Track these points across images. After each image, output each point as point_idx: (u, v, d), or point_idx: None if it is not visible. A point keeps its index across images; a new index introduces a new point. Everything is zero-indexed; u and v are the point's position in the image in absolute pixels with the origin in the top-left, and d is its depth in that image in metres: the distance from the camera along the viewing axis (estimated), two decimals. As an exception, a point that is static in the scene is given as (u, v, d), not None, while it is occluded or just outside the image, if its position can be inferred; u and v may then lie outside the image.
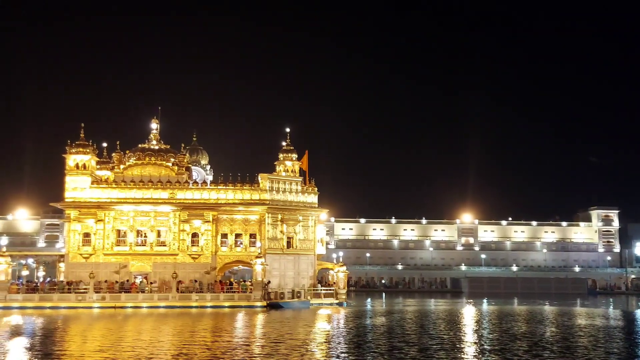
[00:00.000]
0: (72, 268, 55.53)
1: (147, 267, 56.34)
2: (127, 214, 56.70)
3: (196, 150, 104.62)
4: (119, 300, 51.90)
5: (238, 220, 58.23)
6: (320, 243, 62.25)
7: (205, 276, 55.94)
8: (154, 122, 62.17)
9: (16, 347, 28.10)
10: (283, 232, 58.48)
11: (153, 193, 57.05)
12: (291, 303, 55.02)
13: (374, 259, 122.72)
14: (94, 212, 56.15)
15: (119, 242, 56.56)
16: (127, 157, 59.82)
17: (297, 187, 59.93)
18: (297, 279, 58.37)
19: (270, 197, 58.15)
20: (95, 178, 57.64)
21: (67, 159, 56.67)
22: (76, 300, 51.59)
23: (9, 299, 51.07)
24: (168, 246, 56.84)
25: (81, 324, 40.42)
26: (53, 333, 34.49)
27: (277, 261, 57.78)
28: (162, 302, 52.11)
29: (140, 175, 57.96)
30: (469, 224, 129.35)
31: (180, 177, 58.63)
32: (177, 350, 26.72)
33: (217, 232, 57.56)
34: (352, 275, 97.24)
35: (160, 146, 60.63)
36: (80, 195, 56.30)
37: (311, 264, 59.89)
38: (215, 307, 51.98)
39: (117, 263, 55.93)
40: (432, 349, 27.69)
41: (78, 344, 30.06)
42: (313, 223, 60.62)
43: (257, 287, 53.66)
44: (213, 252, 57.20)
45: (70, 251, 56.19)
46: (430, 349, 27.50)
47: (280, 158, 61.64)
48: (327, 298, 58.12)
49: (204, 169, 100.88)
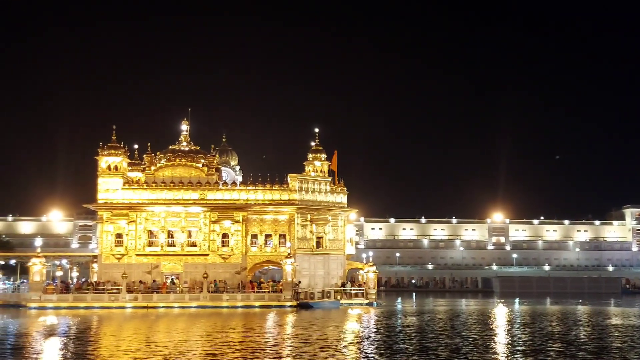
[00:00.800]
0: (105, 269, 56.29)
1: (179, 267, 56.88)
2: (158, 215, 57.30)
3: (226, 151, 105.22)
4: (151, 301, 52.45)
5: (268, 220, 58.49)
6: (350, 243, 62.24)
7: (235, 276, 56.30)
8: (184, 124, 62.75)
9: (50, 347, 28.53)
10: (312, 232, 58.55)
11: (183, 194, 57.57)
12: (321, 303, 55.06)
13: (404, 258, 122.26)
14: (125, 213, 56.85)
15: (151, 243, 57.18)
16: (158, 158, 60.42)
17: (326, 187, 59.97)
18: (327, 279, 58.42)
19: (299, 198, 58.28)
20: (127, 179, 58.32)
21: (100, 161, 57.45)
22: (109, 301, 52.29)
23: (44, 299, 51.97)
24: (199, 247, 57.31)
25: (114, 324, 40.92)
26: (86, 333, 34.98)
27: (307, 261, 57.88)
28: (193, 302, 52.54)
29: (171, 176, 58.51)
30: (500, 223, 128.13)
31: (210, 178, 59.05)
32: (207, 350, 26.91)
33: (247, 232, 57.88)
34: (382, 275, 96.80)
35: (190, 147, 61.17)
36: (113, 197, 57.03)
37: (341, 264, 59.88)
38: (245, 307, 52.26)
39: (149, 263, 56.57)
40: (463, 349, 27.48)
41: (110, 344, 30.44)
42: (342, 223, 60.62)
43: (287, 287, 53.82)
44: (243, 252, 57.51)
45: (103, 252, 56.96)
46: (461, 350, 27.29)
47: (309, 158, 61.75)
48: (357, 298, 58.04)
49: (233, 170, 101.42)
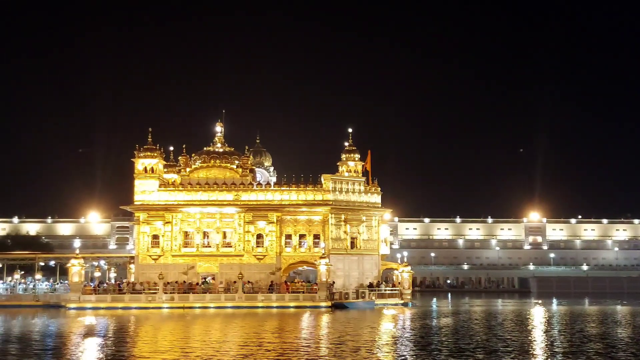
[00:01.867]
0: (142, 269, 57.00)
1: (214, 268, 57.33)
2: (193, 216, 57.83)
3: (260, 152, 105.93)
4: (187, 301, 52.98)
5: (302, 221, 58.63)
6: (384, 243, 62.07)
7: (269, 276, 56.55)
8: (218, 125, 63.22)
9: (89, 347, 29.00)
10: (347, 232, 58.52)
11: (218, 195, 58.01)
12: (356, 303, 54.99)
13: (439, 258, 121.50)
14: (162, 215, 57.49)
15: (186, 244, 57.73)
16: (193, 160, 60.95)
17: (360, 187, 59.88)
18: (362, 279, 58.32)
19: (333, 198, 58.29)
20: (163, 181, 58.97)
21: (136, 163, 58.22)
22: (146, 301, 52.93)
23: (83, 299, 52.84)
24: (233, 247, 57.70)
25: (151, 324, 41.40)
26: (124, 333, 35.48)
27: (341, 261, 57.87)
28: (228, 303, 52.92)
29: (206, 177, 59.01)
30: (537, 222, 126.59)
31: (245, 179, 59.39)
32: (241, 351, 27.05)
33: (281, 233, 58.10)
34: (416, 276, 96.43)
35: (224, 149, 61.60)
36: (149, 198, 57.73)
37: (375, 264, 59.74)
38: (280, 307, 52.45)
39: (184, 264, 57.14)
40: (499, 351, 27.18)
41: (147, 344, 30.79)
42: (377, 223, 60.48)
43: (322, 287, 53.87)
44: (277, 252, 57.74)
45: (139, 253, 57.70)
46: (497, 351, 27.00)
47: (342, 158, 61.75)
48: (392, 298, 57.83)
49: (267, 171, 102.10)
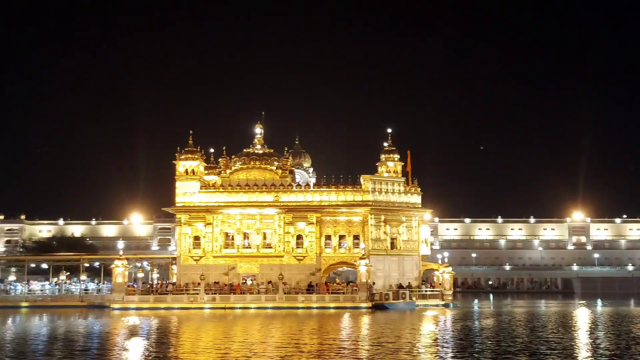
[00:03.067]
0: (184, 270, 57.73)
1: (254, 268, 57.76)
2: (234, 217, 58.36)
3: (299, 153, 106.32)
4: (228, 302, 53.47)
5: (341, 221, 58.68)
6: (425, 244, 61.72)
7: (309, 277, 56.73)
8: (258, 127, 63.68)
9: (133, 346, 29.51)
10: (386, 233, 58.36)
11: (258, 196, 58.44)
12: (396, 304, 54.79)
13: (480, 259, 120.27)
14: (203, 216, 58.14)
15: (227, 245, 58.28)
16: (233, 162, 61.53)
17: (399, 187, 59.67)
18: (402, 280, 58.08)
19: (372, 198, 58.20)
20: (204, 183, 59.64)
21: (177, 165, 59.01)
22: (188, 302, 53.59)
23: (127, 300, 53.75)
24: (274, 248, 58.04)
25: (193, 324, 41.91)
26: (167, 334, 35.98)
27: (381, 262, 57.74)
28: (269, 303, 53.23)
29: (246, 179, 59.51)
30: (581, 222, 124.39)
31: (284, 180, 59.71)
32: (282, 351, 27.20)
33: (320, 233, 58.24)
34: (457, 276, 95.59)
35: (264, 150, 62.03)
36: (190, 200, 58.45)
37: (416, 265, 59.45)
38: (321, 308, 52.57)
39: (225, 265, 57.69)
40: (542, 352, 26.84)
41: (189, 344, 31.18)
42: (417, 223, 60.18)
43: (362, 288, 53.83)
44: (317, 253, 57.89)
45: (181, 254, 58.45)
46: (541, 354, 26.66)
47: (382, 159, 61.61)
48: (433, 299, 57.46)
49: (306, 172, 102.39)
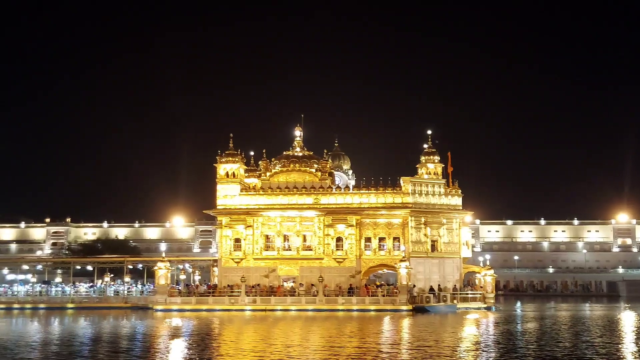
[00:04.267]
0: (225, 272, 58.22)
1: (295, 271, 57.94)
2: (274, 220, 58.65)
3: (338, 155, 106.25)
4: (269, 304, 53.74)
5: (381, 224, 58.51)
6: (466, 246, 61.14)
7: (349, 279, 56.67)
8: (297, 130, 63.97)
9: (176, 347, 29.87)
10: (427, 235, 57.99)
11: (298, 199, 58.65)
12: (437, 307, 54.38)
13: (523, 261, 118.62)
14: (243, 219, 58.57)
15: (267, 247, 58.60)
16: (273, 164, 61.91)
17: (440, 189, 59.25)
18: (443, 282, 57.64)
19: (413, 200, 57.90)
20: (244, 186, 60.13)
21: (218, 168, 59.59)
22: (229, 303, 54.03)
23: (169, 301, 54.44)
24: (313, 250, 58.16)
25: (234, 326, 42.23)
26: (209, 335, 36.33)
27: (422, 264, 57.39)
28: (309, 305, 53.33)
29: (286, 181, 59.80)
30: (626, 224, 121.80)
31: (324, 182, 59.83)
32: (323, 353, 27.23)
33: (360, 236, 58.15)
34: (499, 279, 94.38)
35: (303, 153, 62.25)
36: (231, 203, 58.96)
37: (457, 267, 58.93)
38: (361, 310, 52.47)
39: (266, 267, 58.01)
40: (588, 358, 26.35)
41: (231, 345, 31.43)
42: (457, 226, 59.65)
43: (403, 290, 53.58)
44: (357, 255, 57.81)
45: (222, 256, 58.96)
46: (586, 358, 26.18)
47: (422, 160, 61.24)
48: (474, 302, 56.89)
49: (346, 174, 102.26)
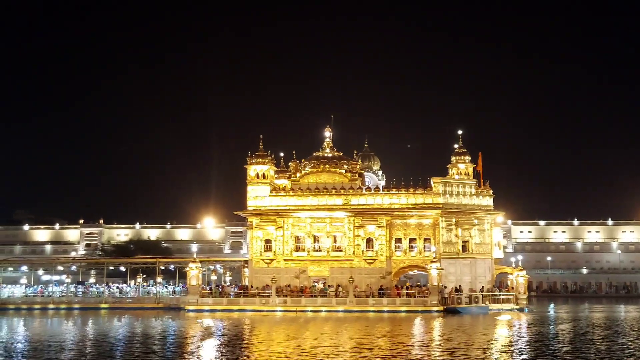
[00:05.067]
0: (256, 273, 58.49)
1: (325, 271, 57.97)
2: (304, 221, 58.74)
3: (368, 156, 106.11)
4: (299, 304, 53.84)
5: (411, 224, 58.25)
6: (498, 247, 60.57)
7: (380, 280, 56.53)
8: (327, 131, 64.01)
9: (208, 348, 30.07)
10: (458, 235, 57.60)
11: (328, 200, 58.67)
12: (469, 308, 53.96)
13: (556, 262, 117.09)
14: (273, 220, 58.77)
15: (298, 248, 58.72)
16: (303, 165, 62.07)
17: (471, 189, 58.80)
18: (474, 283, 57.20)
19: (443, 201, 57.55)
20: (274, 187, 60.34)
21: (248, 170, 59.88)
22: (260, 304, 54.24)
23: (201, 302, 54.83)
24: (344, 251, 58.13)
25: (265, 326, 42.34)
26: (240, 335, 36.51)
27: (453, 265, 57.03)
28: (340, 307, 53.29)
29: (316, 182, 59.87)
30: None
31: (354, 183, 59.78)
32: (353, 355, 27.18)
33: (391, 236, 57.97)
34: (532, 280, 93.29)
35: (333, 154, 62.27)
36: (261, 204, 59.21)
37: (488, 268, 58.43)
38: (391, 311, 52.29)
39: (296, 268, 58.12)
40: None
41: (262, 346, 31.54)
42: (489, 226, 59.13)
43: (434, 291, 53.28)
44: (388, 256, 57.64)
45: (253, 257, 59.22)
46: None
47: (452, 161, 60.84)
48: (507, 303, 56.32)
49: (376, 175, 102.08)
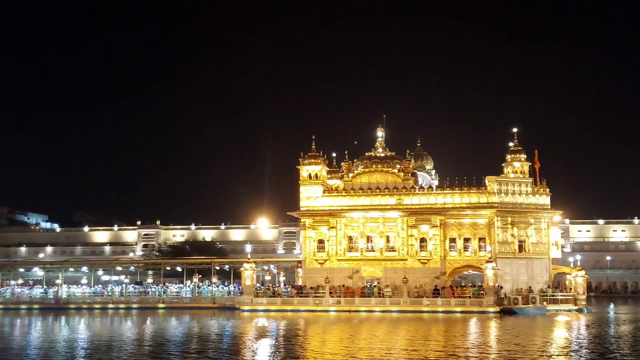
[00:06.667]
0: (309, 273, 58.69)
1: (378, 272, 57.77)
2: (357, 221, 58.66)
3: (420, 155, 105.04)
4: (353, 305, 53.78)
5: (466, 224, 57.58)
6: (555, 246, 59.33)
7: (434, 281, 56.04)
8: (379, 130, 63.85)
9: (263, 347, 30.31)
10: (514, 235, 56.66)
11: (381, 200, 58.46)
12: (526, 309, 53.02)
13: (616, 262, 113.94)
14: (326, 220, 58.87)
15: (351, 248, 58.66)
16: (355, 165, 62.02)
17: (527, 188, 57.77)
18: (531, 284, 56.15)
19: (498, 200, 56.69)
20: (327, 187, 60.43)
21: (301, 170, 60.14)
22: (314, 304, 54.41)
23: (255, 302, 55.34)
24: (397, 251, 57.82)
25: (319, 327, 42.45)
26: (294, 335, 36.68)
27: (509, 265, 56.13)
28: (394, 307, 53.05)
29: (368, 182, 59.74)
30: None
31: (406, 182, 59.43)
32: (407, 356, 27.00)
33: (444, 236, 57.40)
34: (591, 280, 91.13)
35: (385, 153, 62.06)
36: (314, 204, 59.38)
37: (546, 269, 57.29)
38: (446, 312, 51.77)
39: (349, 268, 58.08)
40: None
41: (316, 346, 31.62)
42: (546, 225, 57.97)
43: (489, 292, 52.53)
44: (442, 256, 57.10)
45: (306, 257, 59.43)
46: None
47: (507, 159, 59.91)
48: (565, 304, 55.12)
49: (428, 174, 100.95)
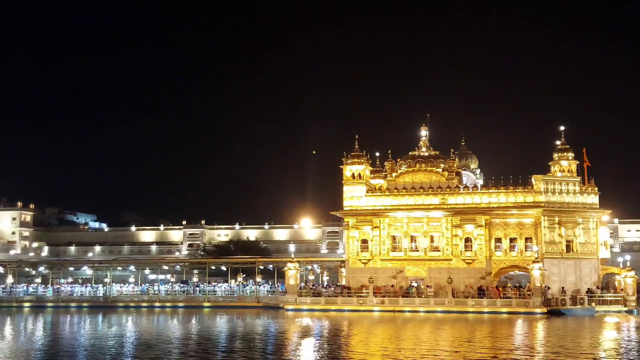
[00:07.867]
0: (352, 273, 58.61)
1: (422, 272, 57.37)
2: (400, 220, 58.36)
3: (465, 154, 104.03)
4: (397, 305, 53.56)
5: (512, 223, 56.74)
6: (604, 246, 58.08)
7: (479, 281, 55.40)
8: (423, 129, 63.42)
9: (307, 346, 30.43)
10: (561, 235, 55.64)
11: (424, 199, 58.03)
12: (573, 310, 52.05)
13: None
14: (369, 220, 58.72)
15: (394, 248, 58.38)
16: (399, 165, 61.71)
17: (574, 187, 56.67)
18: (579, 284, 55.07)
19: (545, 199, 55.75)
20: (370, 187, 60.27)
21: (344, 170, 60.10)
22: (358, 304, 54.34)
23: (299, 301, 55.53)
24: (441, 251, 57.33)
25: (363, 326, 42.40)
26: (338, 335, 36.72)
27: (556, 266, 55.13)
28: (438, 307, 52.63)
29: (412, 182, 59.37)
30: None
31: (451, 182, 58.87)
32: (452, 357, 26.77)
33: (490, 236, 56.69)
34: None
35: (429, 153, 61.61)
36: (357, 204, 59.28)
37: (594, 269, 56.12)
38: (492, 312, 51.14)
39: (393, 268, 57.83)
40: None
41: (360, 346, 31.59)
42: (594, 225, 56.78)
43: (536, 293, 51.70)
44: (487, 256, 56.39)
45: (350, 257, 59.36)
46: None
47: (554, 158, 58.91)
48: (614, 305, 53.90)
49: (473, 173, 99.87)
